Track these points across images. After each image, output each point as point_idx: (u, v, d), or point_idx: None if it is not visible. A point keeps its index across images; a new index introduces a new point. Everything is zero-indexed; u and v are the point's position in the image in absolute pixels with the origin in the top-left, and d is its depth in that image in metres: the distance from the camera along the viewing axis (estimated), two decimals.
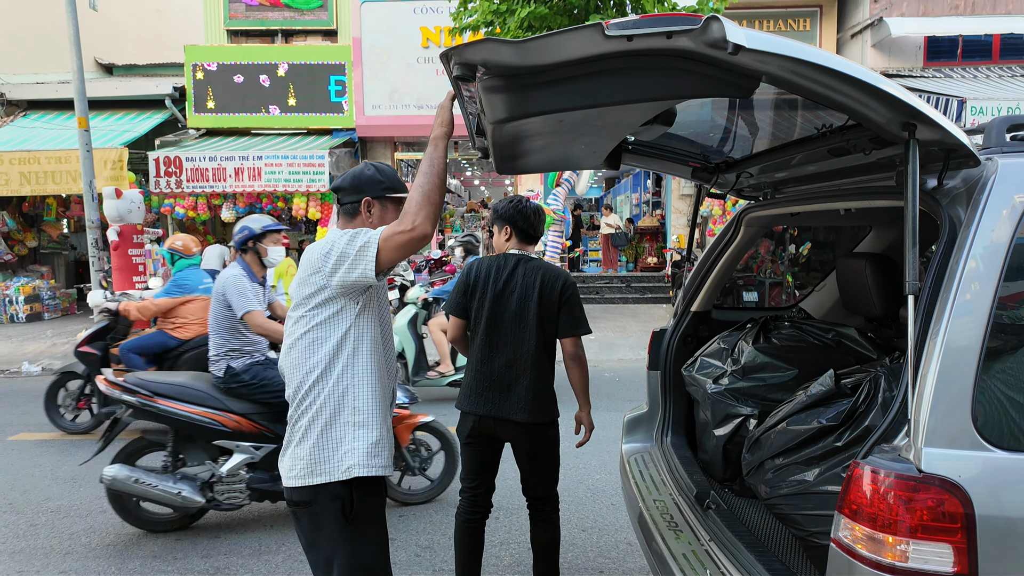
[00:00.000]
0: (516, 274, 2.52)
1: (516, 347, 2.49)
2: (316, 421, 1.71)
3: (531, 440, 2.52)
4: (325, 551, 1.72)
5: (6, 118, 11.91)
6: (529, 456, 2.56)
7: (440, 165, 1.69)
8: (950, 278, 1.25)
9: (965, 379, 1.19)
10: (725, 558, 1.76)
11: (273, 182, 10.62)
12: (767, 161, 2.17)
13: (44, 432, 5.33)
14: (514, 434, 2.52)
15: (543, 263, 2.59)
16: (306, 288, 1.72)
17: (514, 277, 2.51)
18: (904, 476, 1.17)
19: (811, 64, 1.16)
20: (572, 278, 2.60)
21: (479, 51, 1.24)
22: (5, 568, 3.13)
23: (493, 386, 2.51)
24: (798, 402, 1.75)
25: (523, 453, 2.56)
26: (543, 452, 2.56)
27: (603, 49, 1.22)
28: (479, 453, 2.61)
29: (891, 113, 1.27)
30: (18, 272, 11.73)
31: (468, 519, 2.63)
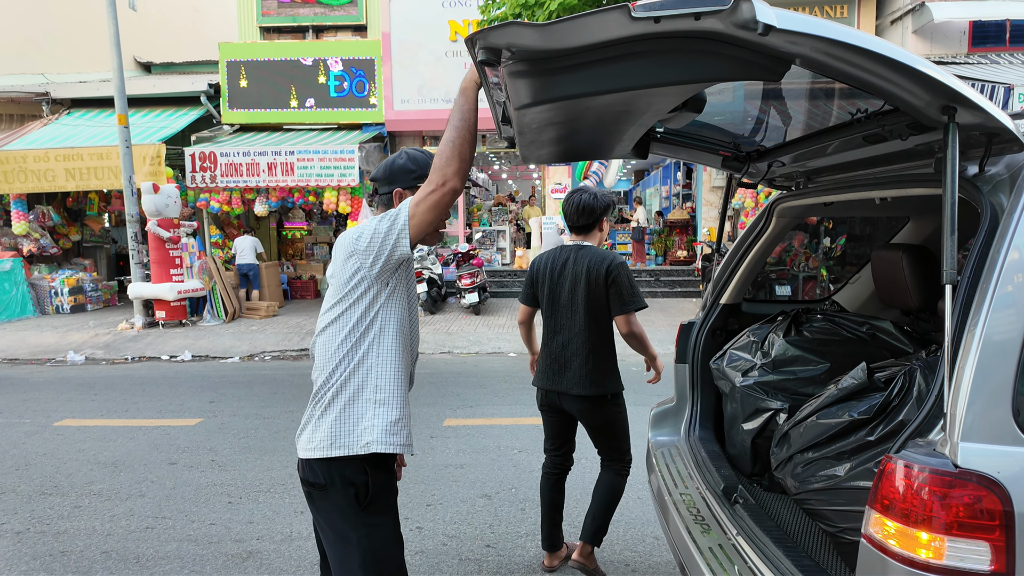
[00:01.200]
0: (568, 263, 2.84)
1: (569, 329, 2.82)
2: (339, 397, 1.73)
3: (591, 412, 2.83)
4: (340, 535, 1.75)
5: (51, 116, 12.32)
6: (592, 427, 2.89)
7: (471, 117, 1.65)
8: (990, 269, 1.20)
9: (1005, 373, 1.14)
10: (753, 553, 1.73)
11: (305, 177, 10.78)
12: (799, 149, 2.11)
13: (87, 419, 5.52)
14: (576, 407, 2.85)
15: (593, 250, 2.83)
16: (342, 273, 1.75)
17: (566, 266, 2.83)
18: (939, 471, 1.13)
19: (846, 45, 1.12)
20: (619, 259, 2.81)
21: (503, 35, 1.24)
22: (50, 547, 3.27)
23: (553, 363, 2.86)
24: (829, 395, 1.71)
25: (586, 424, 2.90)
26: (603, 424, 2.86)
27: (629, 32, 1.20)
28: (551, 421, 3.01)
29: (930, 96, 1.23)
30: (63, 265, 12.16)
31: (550, 473, 3.04)
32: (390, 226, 1.67)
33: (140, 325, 9.80)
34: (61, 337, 9.28)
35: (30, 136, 11.56)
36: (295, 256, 13.82)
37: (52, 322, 10.43)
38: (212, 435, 5.00)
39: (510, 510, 3.66)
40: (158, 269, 9.90)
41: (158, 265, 9.89)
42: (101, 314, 11.20)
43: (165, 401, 6.07)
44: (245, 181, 10.88)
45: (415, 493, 3.88)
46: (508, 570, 3.03)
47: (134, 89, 11.50)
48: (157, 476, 4.19)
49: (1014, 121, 1.30)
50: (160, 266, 9.89)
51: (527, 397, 5.98)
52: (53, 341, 9.04)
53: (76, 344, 8.82)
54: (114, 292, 12.36)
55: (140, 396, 6.28)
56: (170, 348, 8.62)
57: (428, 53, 12.17)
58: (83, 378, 7.19)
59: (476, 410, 5.63)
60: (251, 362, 7.95)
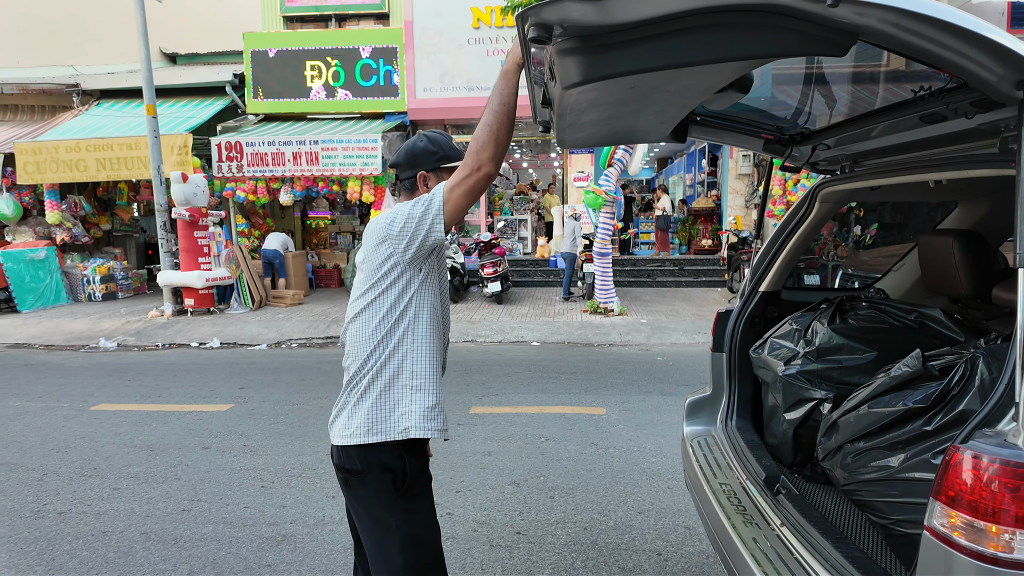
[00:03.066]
0: None
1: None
2: (375, 384, 1.73)
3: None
4: (378, 521, 1.75)
5: (81, 107, 12.53)
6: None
7: (511, 101, 1.62)
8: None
9: None
10: (799, 544, 1.70)
11: (330, 166, 10.83)
12: (848, 131, 2.05)
13: (122, 403, 5.64)
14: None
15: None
16: (374, 259, 1.74)
17: None
18: (1011, 462, 1.09)
19: (917, 15, 1.07)
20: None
21: (557, 10, 1.20)
22: (91, 527, 3.34)
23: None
24: (880, 384, 1.66)
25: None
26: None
27: (689, 5, 1.16)
28: None
29: (1005, 70, 1.17)
30: (94, 253, 12.41)
31: None
32: (424, 211, 1.65)
33: (170, 313, 9.97)
34: (94, 324, 9.48)
35: (62, 127, 11.77)
36: (319, 245, 13.93)
37: (85, 309, 10.66)
38: (243, 420, 5.07)
39: (539, 498, 3.66)
40: (186, 257, 10.05)
41: (186, 253, 10.04)
42: (132, 302, 11.42)
43: (196, 387, 6.17)
44: (271, 171, 10.97)
45: (444, 479, 3.90)
46: (539, 557, 3.03)
47: (161, 80, 11.64)
48: (191, 460, 4.26)
49: None
50: (188, 254, 10.03)
51: (552, 386, 5.97)
52: (86, 328, 9.25)
53: (108, 331, 9.01)
54: (144, 280, 12.59)
55: (172, 382, 6.40)
56: (199, 335, 8.76)
57: (450, 41, 12.11)
58: (116, 364, 7.34)
59: (501, 398, 5.63)
60: (278, 349, 8.05)
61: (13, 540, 3.23)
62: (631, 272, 13.02)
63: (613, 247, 11.22)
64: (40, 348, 8.34)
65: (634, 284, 12.73)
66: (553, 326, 8.99)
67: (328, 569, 2.94)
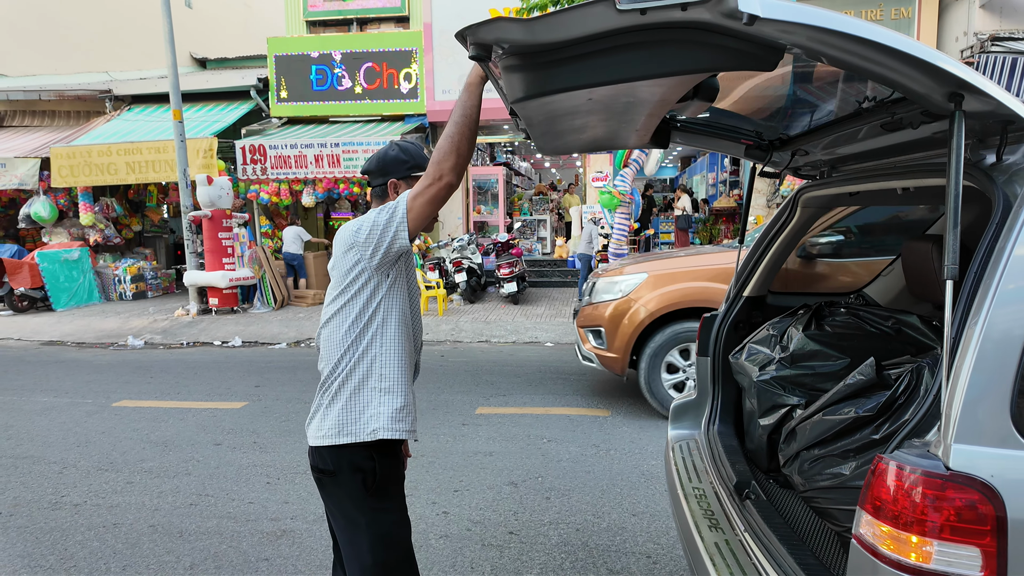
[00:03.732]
0: None
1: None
2: (345, 386, 1.79)
3: None
4: (349, 520, 1.81)
5: (114, 112, 12.95)
6: None
7: (472, 113, 1.67)
8: (995, 263, 1.15)
9: (1005, 373, 1.09)
10: (758, 550, 1.71)
11: (351, 168, 11.01)
12: (821, 138, 2.05)
13: (143, 400, 5.85)
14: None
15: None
16: (342, 265, 1.81)
17: None
18: (931, 473, 1.10)
19: (839, 33, 1.09)
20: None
21: (491, 30, 1.25)
22: (104, 519, 3.49)
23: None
24: (836, 392, 1.66)
25: None
26: None
27: (616, 24, 1.19)
28: None
29: (934, 83, 1.17)
30: (125, 254, 12.82)
31: None
32: (389, 218, 1.71)
33: (195, 312, 10.26)
34: (123, 322, 9.81)
35: (95, 132, 12.19)
36: None
37: (115, 308, 11.03)
38: (255, 418, 5.22)
39: (535, 498, 3.70)
40: (211, 258, 10.33)
41: (211, 254, 10.32)
42: (160, 301, 11.77)
43: (214, 385, 6.36)
44: (293, 173, 11.20)
45: (444, 479, 3.97)
46: (529, 557, 3.07)
47: (188, 85, 11.96)
48: (203, 456, 4.41)
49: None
50: (213, 255, 10.31)
51: (560, 387, 5.99)
52: (116, 326, 9.57)
53: (136, 329, 9.32)
54: (172, 280, 12.97)
55: (192, 379, 6.60)
56: (222, 334, 9.00)
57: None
58: (141, 361, 7.60)
59: (509, 399, 5.68)
60: (297, 348, 8.23)
61: (30, 530, 3.39)
62: None
63: (633, 247, 11.17)
64: (72, 345, 8.67)
65: None
66: (568, 327, 9.00)
67: (323, 564, 3.03)
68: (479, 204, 13.91)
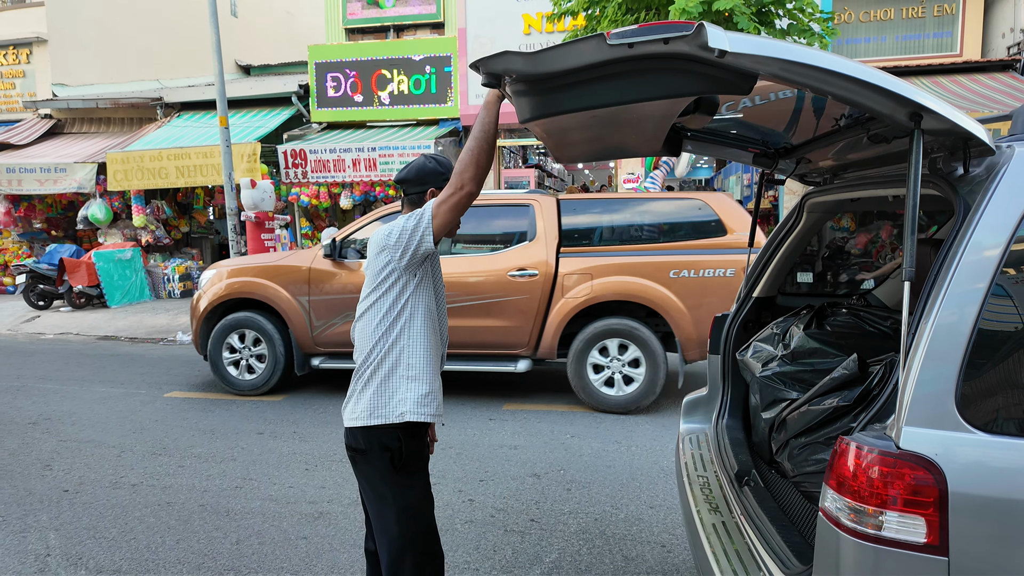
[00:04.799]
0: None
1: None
2: (376, 373, 2.00)
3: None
4: (378, 493, 2.02)
5: (164, 119, 13.60)
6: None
7: (489, 129, 1.85)
8: (947, 267, 1.28)
9: (951, 364, 1.22)
10: (751, 530, 1.85)
11: (387, 172, 11.35)
12: (821, 147, 2.17)
13: (191, 392, 6.22)
14: None
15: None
16: (375, 265, 2.02)
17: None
18: (884, 452, 1.23)
19: (801, 64, 1.24)
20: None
21: (499, 62, 1.43)
22: (158, 498, 3.81)
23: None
24: (822, 385, 1.79)
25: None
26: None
27: (608, 56, 1.36)
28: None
29: (894, 104, 1.31)
30: (174, 254, 13.46)
31: None
32: (416, 224, 1.91)
33: None
34: (172, 319, 10.33)
35: (146, 138, 12.84)
36: None
37: (165, 305, 11.60)
38: (296, 409, 5.52)
39: (557, 489, 3.86)
40: None
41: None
42: None
43: None
44: (332, 176, 11.60)
45: (470, 469, 4.17)
46: (548, 543, 3.24)
47: (233, 92, 12.49)
48: (247, 443, 4.71)
49: (985, 125, 1.35)
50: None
51: None
52: (165, 322, 10.10)
53: (184, 326, 9.80)
54: None
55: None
56: None
57: (502, 47, 12.36)
58: (189, 356, 8.03)
59: (535, 396, 5.86)
60: None
61: (93, 506, 3.72)
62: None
63: None
64: (125, 340, 9.20)
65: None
66: None
67: (356, 543, 3.26)
68: None
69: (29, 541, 3.32)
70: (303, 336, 5.83)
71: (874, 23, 13.11)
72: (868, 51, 13.11)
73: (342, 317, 5.71)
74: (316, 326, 5.79)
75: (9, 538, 3.35)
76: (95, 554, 3.18)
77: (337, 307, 5.72)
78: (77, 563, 3.10)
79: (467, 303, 5.48)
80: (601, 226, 5.68)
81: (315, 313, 5.77)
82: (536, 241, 5.52)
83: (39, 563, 3.11)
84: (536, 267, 5.39)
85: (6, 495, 3.88)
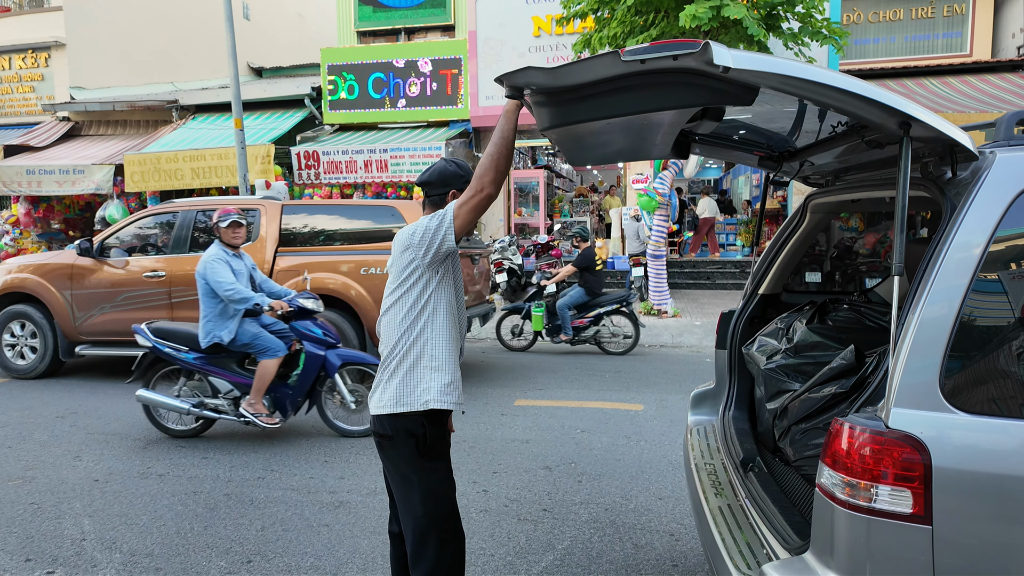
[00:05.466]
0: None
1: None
2: (402, 364, 2.13)
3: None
4: (404, 477, 2.15)
5: (179, 121, 13.84)
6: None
7: (508, 135, 1.96)
8: (933, 264, 1.39)
9: (936, 350, 1.34)
10: (755, 511, 1.97)
11: (398, 173, 11.52)
12: (823, 150, 2.28)
13: None
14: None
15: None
16: (399, 263, 2.15)
17: None
18: (875, 432, 1.35)
19: (798, 78, 1.36)
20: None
21: (521, 76, 1.56)
22: (185, 488, 3.96)
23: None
24: (821, 374, 1.90)
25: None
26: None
27: (621, 71, 1.49)
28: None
29: (885, 114, 1.43)
30: None
31: None
32: (439, 224, 2.04)
33: None
34: None
35: (162, 140, 13.07)
36: None
37: None
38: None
39: (568, 481, 3.99)
40: None
41: None
42: None
43: None
44: (344, 177, 11.79)
45: (484, 462, 4.30)
46: (560, 531, 3.37)
47: (246, 94, 12.69)
48: (266, 437, 4.87)
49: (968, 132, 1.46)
50: None
51: (595, 383, 6.26)
52: None
53: None
54: None
55: None
56: None
57: (512, 50, 12.55)
58: None
59: (546, 392, 5.98)
60: None
61: (124, 495, 3.88)
62: (690, 274, 13.04)
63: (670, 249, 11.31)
64: None
65: (692, 286, 12.74)
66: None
67: (375, 531, 3.40)
68: (520, 206, 14.24)
69: (65, 527, 3.48)
70: (67, 326, 6.69)
71: (883, 23, 13.15)
72: (878, 51, 13.16)
73: (99, 309, 6.57)
74: (78, 317, 6.63)
75: (45, 524, 3.51)
76: (128, 539, 3.34)
77: (96, 300, 6.58)
78: (112, 547, 3.26)
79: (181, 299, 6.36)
80: (314, 229, 6.49)
81: (77, 305, 6.63)
82: (259, 241, 6.30)
83: (75, 547, 3.27)
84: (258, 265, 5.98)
85: (40, 484, 4.05)
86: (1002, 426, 1.37)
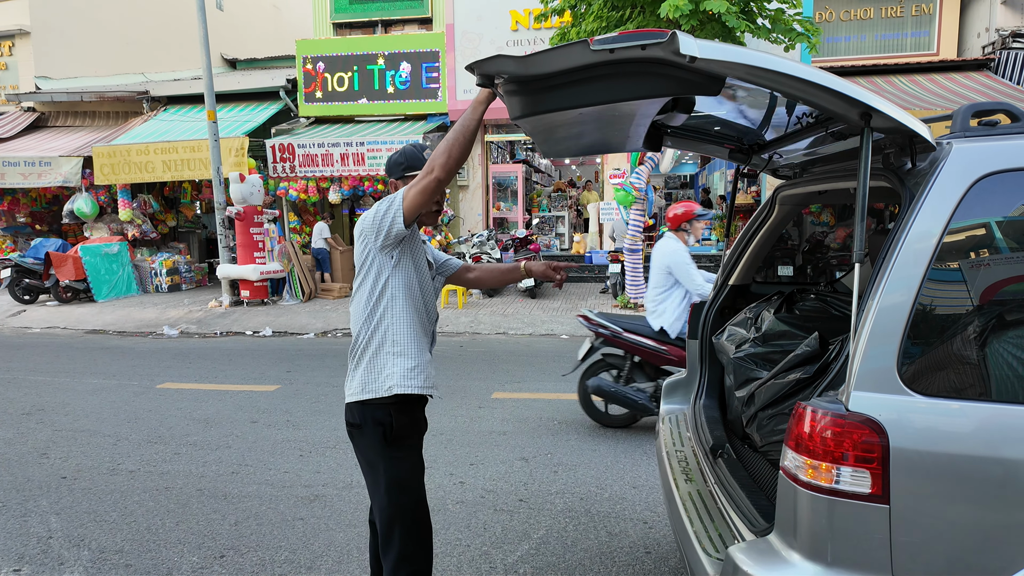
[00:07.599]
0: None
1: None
2: (366, 352, 2.13)
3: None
4: (371, 465, 2.15)
5: (151, 113, 13.54)
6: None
7: (470, 124, 1.94)
8: (891, 252, 1.43)
9: (893, 335, 1.38)
10: (723, 496, 2.01)
11: (375, 167, 11.42)
12: (792, 143, 2.32)
13: (184, 383, 6.30)
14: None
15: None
16: (357, 249, 2.15)
17: None
18: (836, 415, 1.39)
19: (762, 68, 1.38)
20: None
21: (492, 64, 1.57)
22: (156, 484, 3.91)
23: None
24: (786, 361, 1.95)
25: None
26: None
27: (591, 60, 1.50)
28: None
29: (846, 105, 1.46)
30: (161, 248, 13.43)
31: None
32: (388, 207, 2.03)
33: (227, 303, 10.77)
34: (160, 313, 10.36)
35: (133, 132, 12.79)
36: None
37: (152, 299, 11.60)
38: (288, 399, 5.62)
39: (544, 472, 4.02)
40: (243, 252, 10.82)
41: (243, 248, 10.81)
42: (194, 293, 12.33)
43: (248, 370, 6.80)
44: (320, 171, 11.65)
45: (461, 454, 4.31)
46: (536, 521, 3.39)
47: (221, 86, 12.47)
48: (241, 432, 4.82)
49: (927, 124, 1.50)
50: (245, 249, 10.80)
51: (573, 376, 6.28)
52: (154, 316, 10.12)
53: (172, 319, 9.84)
54: (205, 273, 13.55)
55: (227, 365, 7.05)
56: (253, 324, 9.47)
57: (490, 43, 12.51)
58: (179, 349, 8.09)
59: (523, 385, 6.01)
60: (324, 338, 8.65)
61: (93, 491, 3.81)
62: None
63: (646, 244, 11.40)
64: (114, 334, 9.22)
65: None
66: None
67: (351, 523, 3.39)
68: (499, 201, 14.23)
69: (31, 525, 3.41)
70: None
71: (855, 22, 13.38)
72: (849, 49, 13.38)
73: None
74: None
75: (11, 522, 3.44)
76: (97, 536, 3.28)
77: None
78: (80, 544, 3.20)
79: None
80: None
81: None
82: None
83: (42, 545, 3.20)
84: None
85: (5, 482, 3.96)
86: (958, 408, 1.41)
